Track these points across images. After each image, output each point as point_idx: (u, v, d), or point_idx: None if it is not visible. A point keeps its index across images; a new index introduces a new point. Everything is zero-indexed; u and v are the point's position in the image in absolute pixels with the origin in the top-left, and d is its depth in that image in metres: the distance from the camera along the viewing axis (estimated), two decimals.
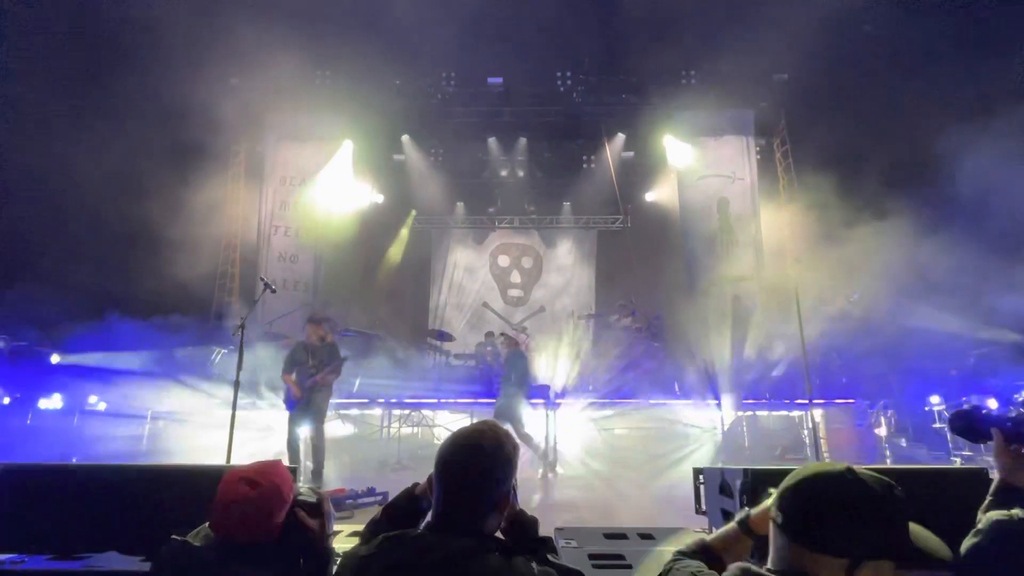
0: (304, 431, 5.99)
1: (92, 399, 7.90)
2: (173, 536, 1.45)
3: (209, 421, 7.62)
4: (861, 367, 8.15)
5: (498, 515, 1.33)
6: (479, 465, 1.30)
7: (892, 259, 8.80)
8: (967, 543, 1.41)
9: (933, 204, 8.97)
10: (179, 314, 10.34)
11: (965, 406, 1.72)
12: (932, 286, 8.71)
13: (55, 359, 8.02)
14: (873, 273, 9.11)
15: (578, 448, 7.52)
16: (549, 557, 1.30)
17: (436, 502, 1.32)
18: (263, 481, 1.47)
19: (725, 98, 11.04)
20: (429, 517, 1.36)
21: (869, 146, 10.15)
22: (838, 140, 10.61)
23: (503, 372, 7.50)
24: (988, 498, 1.55)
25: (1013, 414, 1.58)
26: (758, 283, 10.47)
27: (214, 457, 6.72)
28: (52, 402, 7.60)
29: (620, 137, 12.35)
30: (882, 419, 7.92)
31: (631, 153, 12.83)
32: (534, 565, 1.23)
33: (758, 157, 11.58)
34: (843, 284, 8.78)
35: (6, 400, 7.47)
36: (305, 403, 5.90)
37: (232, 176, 12.05)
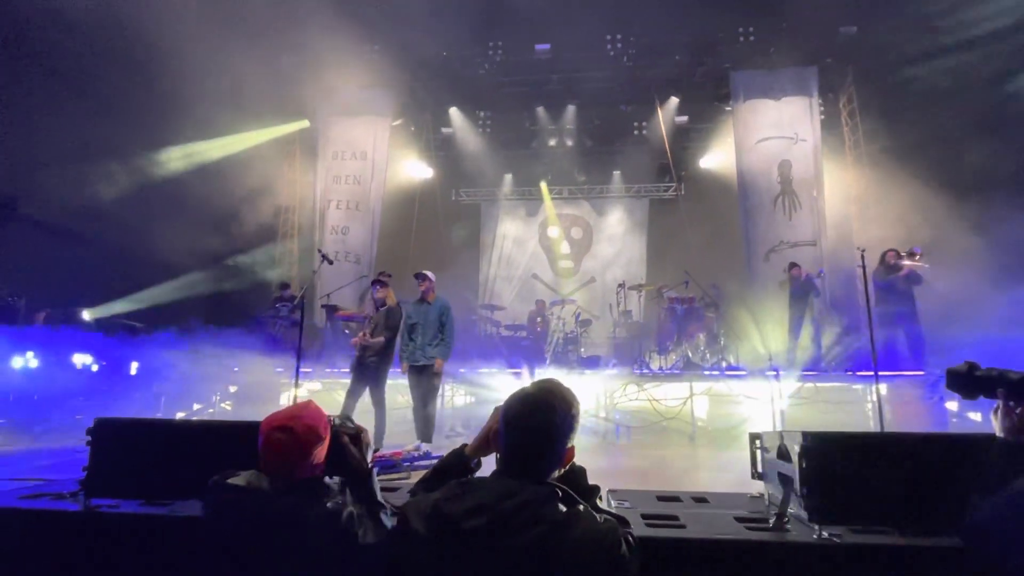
0: (362, 396, 5.90)
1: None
2: (213, 479, 1.57)
3: (277, 386, 8.08)
4: (934, 335, 7.67)
5: (560, 468, 1.41)
6: (551, 425, 1.35)
7: (971, 227, 8.22)
8: (986, 509, 1.36)
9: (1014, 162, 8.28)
10: (243, 288, 10.92)
11: (964, 364, 1.63)
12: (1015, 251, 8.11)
13: (136, 331, 8.69)
14: (948, 242, 8.54)
15: (630, 418, 7.51)
16: (597, 503, 1.39)
17: (505, 455, 1.38)
18: (296, 425, 1.57)
19: (787, 55, 10.42)
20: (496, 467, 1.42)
21: (945, 103, 9.37)
22: (911, 98, 9.88)
23: (421, 319, 5.99)
24: (995, 460, 1.50)
25: (1016, 375, 1.50)
26: (821, 249, 10.02)
27: None
28: (133, 370, 8.27)
29: (673, 101, 11.90)
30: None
31: (685, 118, 12.37)
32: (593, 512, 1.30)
33: (822, 117, 10.94)
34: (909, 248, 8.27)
35: (95, 367, 8.16)
36: (360, 367, 5.84)
37: (287, 152, 12.44)
